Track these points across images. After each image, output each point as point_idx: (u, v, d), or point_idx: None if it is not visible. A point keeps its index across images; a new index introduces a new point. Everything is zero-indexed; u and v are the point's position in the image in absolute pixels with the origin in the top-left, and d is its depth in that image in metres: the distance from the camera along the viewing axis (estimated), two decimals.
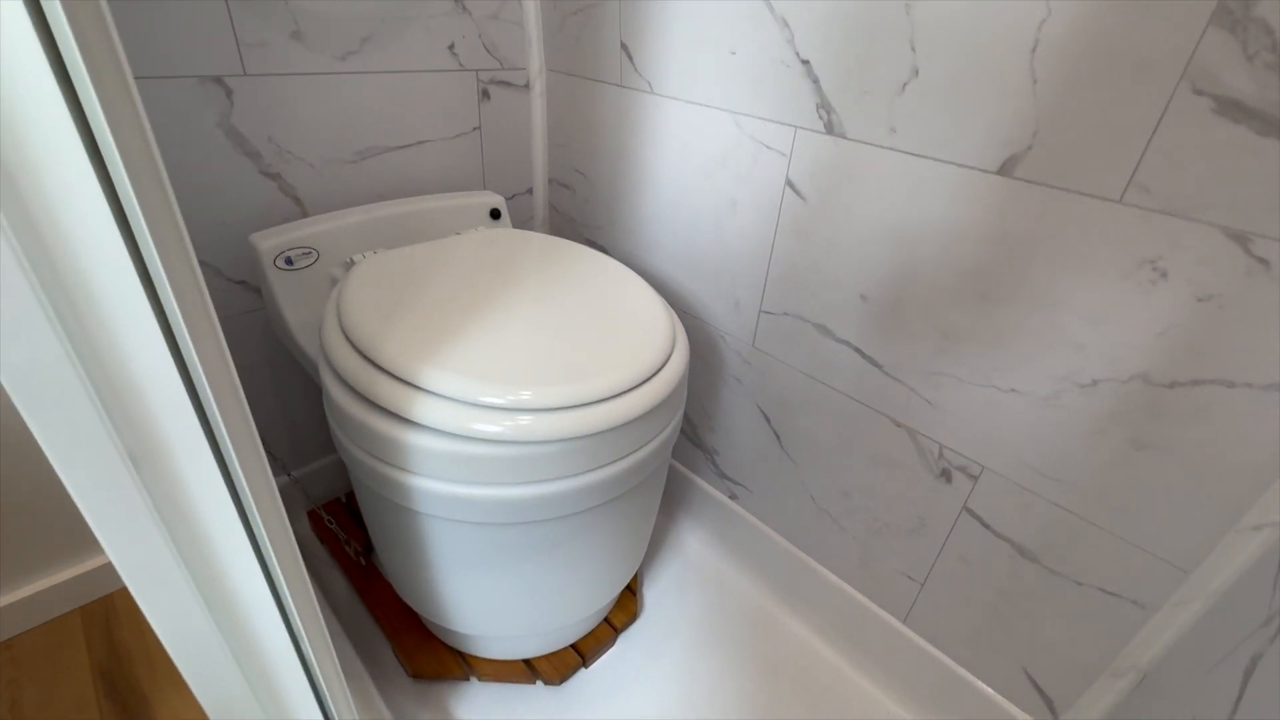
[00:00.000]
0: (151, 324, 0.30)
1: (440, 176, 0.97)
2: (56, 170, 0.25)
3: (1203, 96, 0.45)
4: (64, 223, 0.26)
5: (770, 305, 0.83)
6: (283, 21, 0.74)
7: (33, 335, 0.27)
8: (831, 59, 0.65)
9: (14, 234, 0.25)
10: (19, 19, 0.23)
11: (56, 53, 0.24)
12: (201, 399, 0.33)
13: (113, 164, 0.26)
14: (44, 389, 0.28)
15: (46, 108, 0.24)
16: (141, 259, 0.29)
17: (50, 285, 0.27)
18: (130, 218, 0.28)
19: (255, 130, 0.77)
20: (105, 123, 0.25)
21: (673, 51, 0.80)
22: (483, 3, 0.90)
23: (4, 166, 0.24)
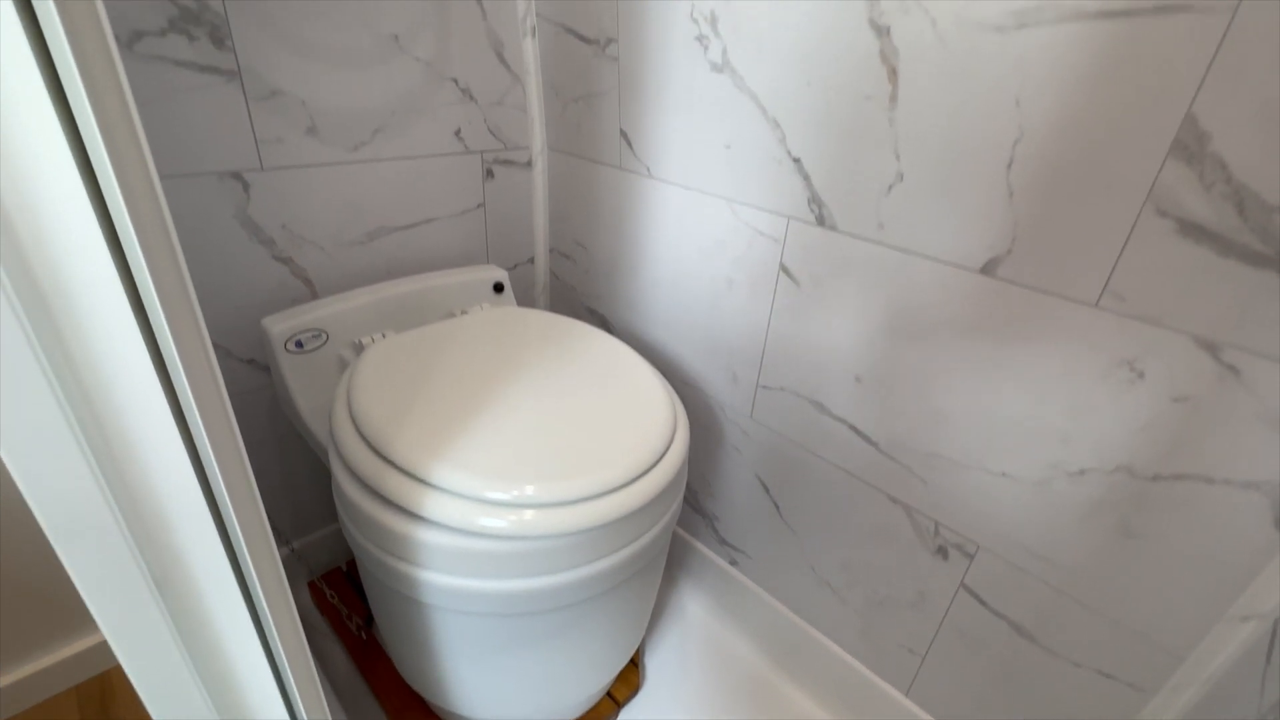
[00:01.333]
0: (164, 407, 0.31)
1: (446, 252, 1.00)
2: (78, 266, 0.26)
3: (1166, 218, 0.49)
4: (82, 318, 0.27)
5: (767, 380, 0.85)
6: (299, 119, 0.78)
7: (37, 406, 0.28)
8: (821, 159, 0.68)
9: (28, 319, 0.26)
10: (47, 116, 0.24)
11: (83, 149, 0.25)
12: (210, 480, 0.34)
13: (135, 261, 0.27)
14: (46, 461, 0.29)
15: (71, 204, 0.25)
16: (157, 346, 0.30)
17: (55, 353, 0.27)
18: (151, 316, 0.29)
19: (270, 219, 0.80)
20: (130, 224, 0.26)
21: (670, 141, 0.84)
22: (488, 90, 0.95)
23: (29, 265, 0.25)
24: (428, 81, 0.88)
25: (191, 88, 0.70)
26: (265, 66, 0.74)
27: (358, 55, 0.80)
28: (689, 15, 0.74)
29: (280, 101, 0.76)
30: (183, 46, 0.68)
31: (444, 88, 0.90)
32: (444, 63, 0.89)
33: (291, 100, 0.77)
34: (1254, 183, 0.44)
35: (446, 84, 0.90)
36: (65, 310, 0.27)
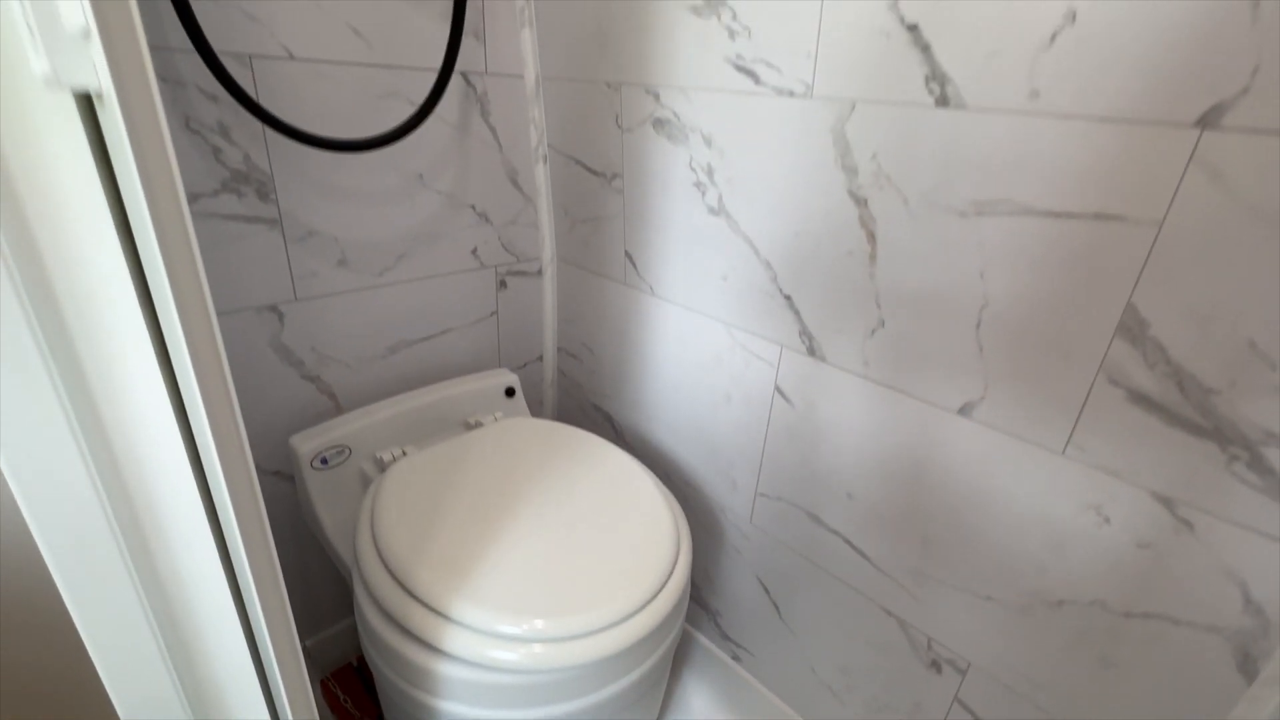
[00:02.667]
0: (204, 526, 0.36)
1: (460, 358, 1.06)
2: (137, 394, 0.31)
3: (1118, 387, 0.54)
4: (138, 444, 0.32)
5: (765, 489, 0.90)
6: (331, 253, 0.85)
7: (94, 536, 0.32)
8: (810, 299, 0.75)
9: (89, 450, 0.31)
10: (115, 257, 0.29)
11: (145, 286, 0.30)
12: (251, 616, 0.39)
13: (187, 388, 0.32)
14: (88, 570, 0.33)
15: (134, 339, 0.30)
16: (201, 467, 0.35)
17: (113, 484, 0.32)
18: (201, 447, 0.34)
19: (300, 343, 0.87)
20: (188, 357, 0.30)
21: (672, 266, 0.91)
22: (502, 212, 1.03)
23: (92, 395, 0.30)
24: (448, 209, 0.96)
25: (238, 236, 0.77)
26: (303, 211, 0.81)
27: (386, 194, 0.88)
28: (688, 163, 0.82)
29: (315, 240, 0.83)
30: (233, 203, 0.75)
31: (462, 213, 0.98)
32: (463, 192, 0.97)
33: (325, 238, 0.84)
34: (1190, 366, 0.50)
35: (465, 210, 0.98)
36: (125, 447, 0.32)
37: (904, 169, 0.61)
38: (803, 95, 0.67)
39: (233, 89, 0.68)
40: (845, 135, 0.65)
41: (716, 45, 0.72)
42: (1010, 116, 0.53)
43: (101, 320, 0.30)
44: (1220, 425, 0.50)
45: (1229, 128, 0.44)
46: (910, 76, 0.58)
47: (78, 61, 0.25)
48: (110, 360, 0.31)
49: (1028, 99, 0.52)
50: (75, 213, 0.28)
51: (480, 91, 0.93)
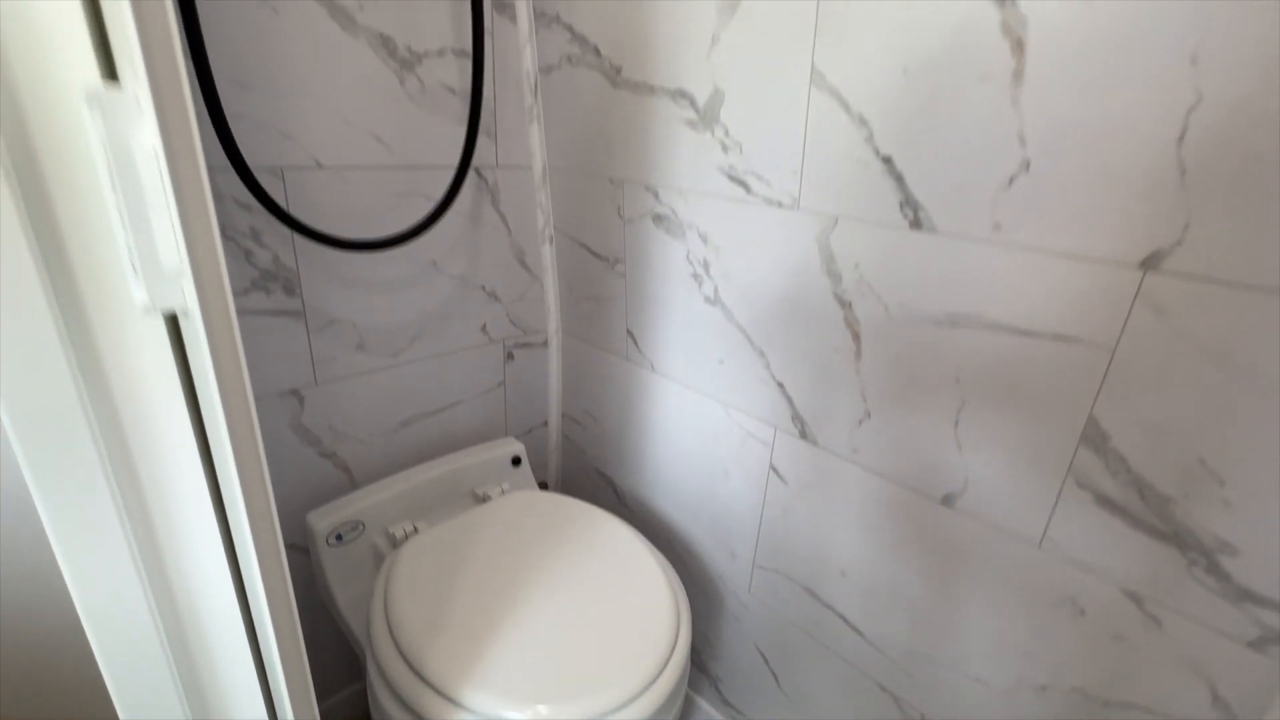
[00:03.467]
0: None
1: (469, 428, 1.11)
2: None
3: (1085, 490, 0.58)
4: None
5: (763, 561, 0.93)
6: (350, 338, 0.91)
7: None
8: (801, 388, 0.79)
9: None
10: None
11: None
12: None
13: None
14: None
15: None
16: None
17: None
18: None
19: (318, 423, 0.91)
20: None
21: (671, 347, 0.96)
22: (510, 290, 1.08)
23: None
24: (459, 291, 1.01)
25: (265, 330, 0.82)
26: (325, 302, 0.87)
27: (402, 282, 0.94)
28: (685, 256, 0.88)
29: (335, 328, 0.89)
30: (261, 299, 0.81)
31: (473, 294, 1.03)
32: (473, 274, 1.02)
33: (345, 325, 0.90)
34: (1148, 476, 0.54)
35: (475, 290, 1.03)
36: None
37: (884, 280, 0.67)
38: (790, 207, 0.72)
39: (265, 201, 0.74)
40: (830, 246, 0.70)
41: (711, 156, 0.79)
42: (976, 244, 0.59)
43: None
44: (1179, 531, 0.54)
45: (1168, 272, 0.49)
46: (886, 200, 0.64)
47: (170, 291, 0.30)
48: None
49: (991, 230, 0.57)
50: (160, 415, 0.33)
51: (491, 183, 1.00)
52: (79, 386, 0.31)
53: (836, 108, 0.64)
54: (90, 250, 0.30)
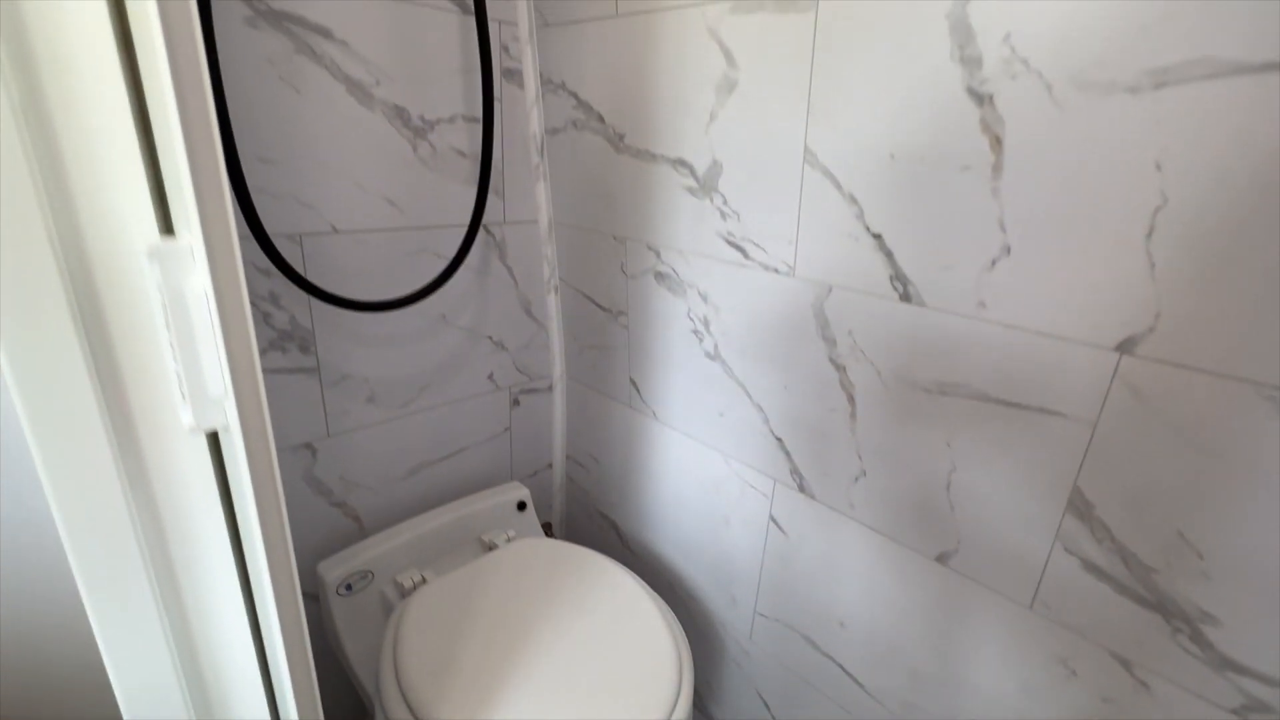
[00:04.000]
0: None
1: (476, 473, 1.13)
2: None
3: (1073, 556, 0.60)
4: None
5: (764, 609, 0.94)
6: (361, 392, 0.94)
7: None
8: (799, 444, 0.82)
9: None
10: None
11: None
12: None
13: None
14: None
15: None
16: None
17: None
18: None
19: (330, 474, 0.94)
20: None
21: (673, 397, 0.99)
22: (517, 338, 1.12)
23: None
24: (467, 342, 1.04)
25: (281, 387, 0.85)
26: (338, 359, 0.90)
27: (412, 336, 0.97)
28: (686, 313, 0.91)
29: (348, 382, 0.92)
30: (278, 358, 0.84)
31: (480, 344, 1.06)
32: (481, 325, 1.06)
33: (357, 379, 0.93)
34: (1132, 545, 0.56)
35: (483, 340, 1.07)
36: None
37: (876, 347, 0.69)
38: (786, 274, 0.75)
39: (284, 268, 0.77)
40: (824, 312, 0.73)
41: (710, 222, 0.82)
42: (963, 319, 0.61)
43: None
44: (1163, 600, 0.56)
45: (1143, 356, 0.52)
46: (877, 274, 0.67)
47: (213, 413, 0.33)
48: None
49: (976, 307, 0.60)
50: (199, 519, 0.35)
51: (499, 239, 1.03)
52: (127, 494, 0.34)
53: (828, 186, 0.68)
54: (144, 379, 0.33)
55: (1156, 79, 0.46)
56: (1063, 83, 0.50)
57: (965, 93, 0.55)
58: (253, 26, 0.72)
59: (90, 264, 0.31)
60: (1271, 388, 0.46)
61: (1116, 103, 0.48)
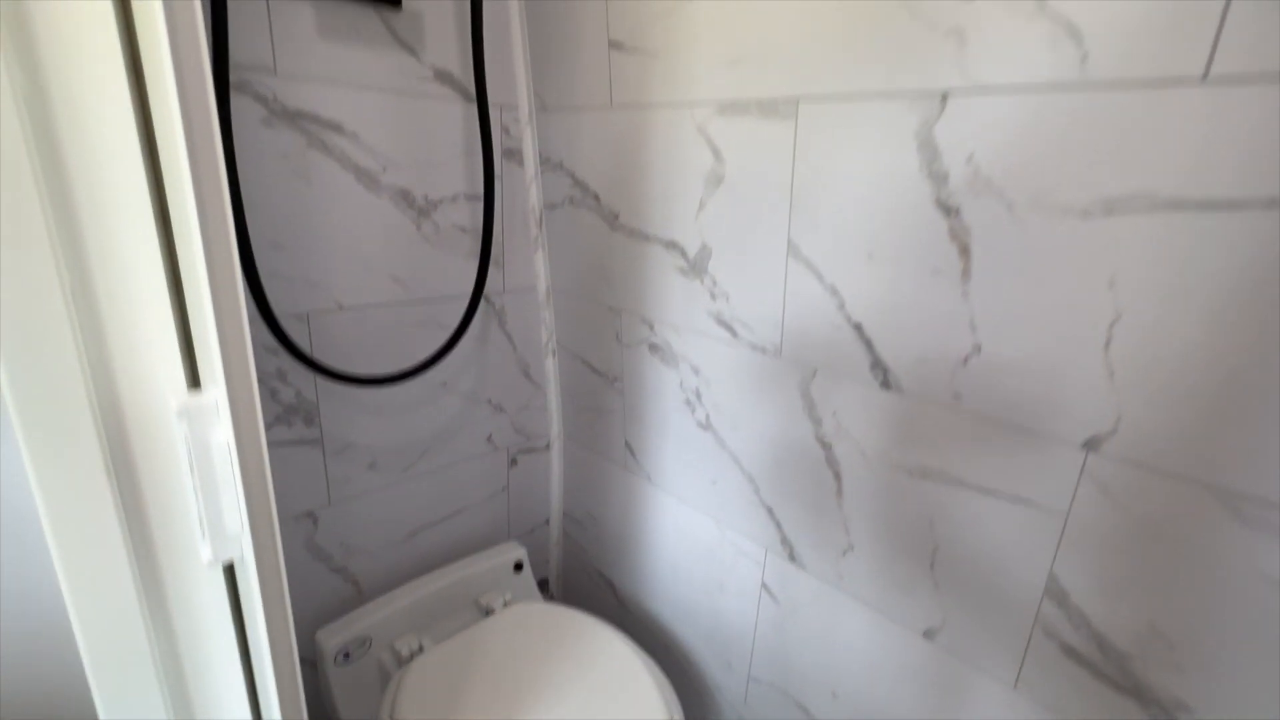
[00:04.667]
0: None
1: (473, 534, 1.15)
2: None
3: (1052, 639, 0.62)
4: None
5: (757, 674, 0.95)
6: (363, 459, 0.96)
7: None
8: (789, 514, 0.84)
9: None
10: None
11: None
12: None
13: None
14: None
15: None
16: None
17: None
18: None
19: (331, 540, 0.96)
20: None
21: (667, 462, 1.01)
22: (515, 401, 1.14)
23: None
24: (467, 407, 1.07)
25: (285, 459, 0.88)
26: (341, 429, 0.93)
27: (413, 403, 1.00)
28: (679, 384, 0.94)
29: (350, 451, 0.94)
30: (283, 432, 0.87)
31: (479, 408, 1.09)
32: (480, 390, 1.09)
33: (359, 448, 0.95)
34: (1107, 633, 0.58)
35: (482, 405, 1.09)
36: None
37: (859, 428, 0.72)
38: (773, 354, 0.79)
39: (291, 349, 0.81)
40: (810, 393, 0.76)
41: (700, 301, 0.86)
42: (939, 408, 0.64)
43: None
44: (1139, 687, 0.57)
45: (1107, 455, 0.54)
46: (858, 361, 0.70)
47: (230, 548, 0.36)
48: None
49: (952, 398, 0.63)
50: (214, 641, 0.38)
51: (499, 307, 1.07)
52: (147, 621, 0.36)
53: (811, 277, 0.71)
54: (167, 518, 0.35)
55: (1106, 207, 0.50)
56: (1022, 203, 0.54)
57: (934, 204, 0.59)
58: (268, 126, 0.77)
59: (123, 416, 0.34)
60: (1228, 493, 0.49)
61: (1071, 225, 0.52)
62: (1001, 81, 0.53)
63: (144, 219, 0.34)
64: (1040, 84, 0.51)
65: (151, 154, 0.34)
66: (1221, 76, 0.43)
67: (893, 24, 0.58)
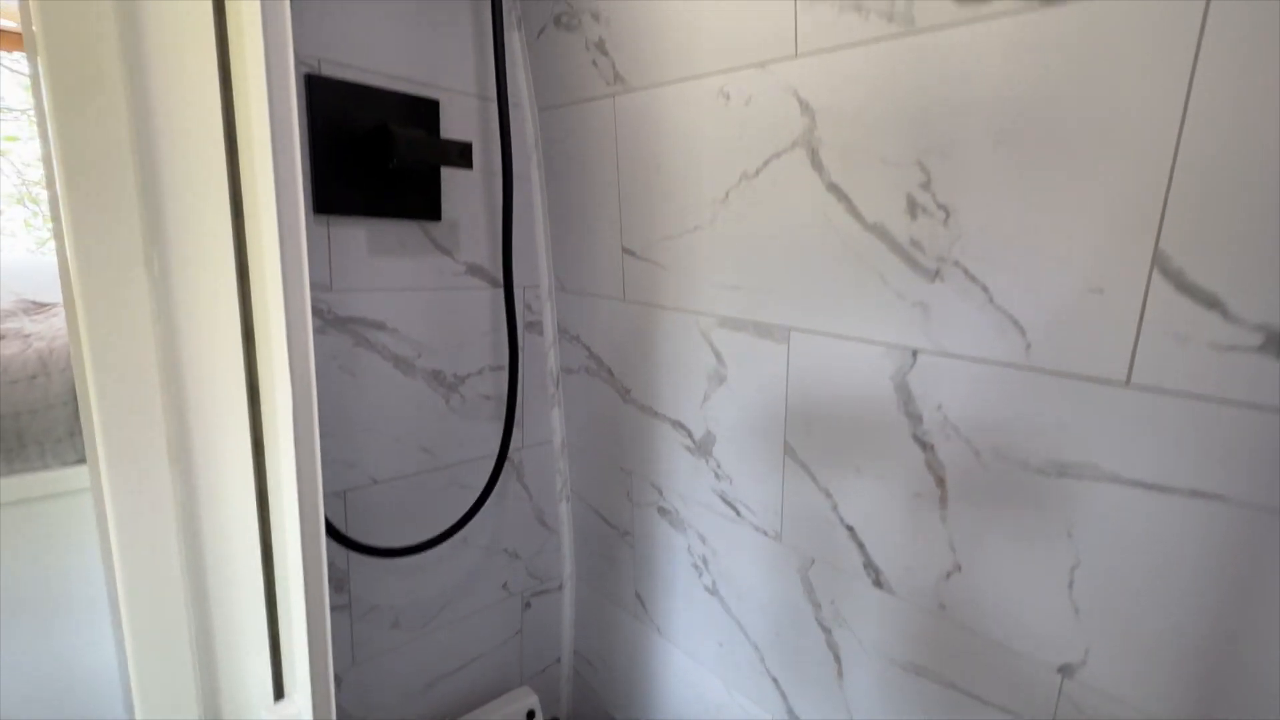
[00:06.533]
0: None
1: (488, 680, 1.17)
2: None
3: None
4: None
5: None
6: (386, 619, 1.01)
7: None
8: (792, 687, 0.87)
9: None
10: None
11: None
12: None
13: None
14: None
15: None
16: None
17: None
18: None
19: (352, 700, 0.99)
20: None
21: (676, 619, 1.05)
22: (530, 546, 1.20)
23: None
24: (485, 558, 1.13)
25: None
26: (368, 593, 0.98)
27: (435, 562, 1.05)
28: (686, 549, 0.99)
29: (375, 613, 0.99)
30: None
31: (497, 558, 1.15)
32: (498, 541, 1.14)
33: (383, 609, 1.00)
34: None
35: (499, 555, 1.15)
36: None
37: (856, 619, 0.77)
38: (774, 538, 0.85)
39: (329, 529, 0.88)
40: (809, 578, 0.82)
41: (705, 479, 0.93)
42: (927, 614, 0.70)
43: None
44: None
45: (1080, 682, 0.59)
46: (852, 559, 0.76)
47: None
48: None
49: (938, 607, 0.69)
50: None
51: (517, 462, 1.14)
52: None
53: (806, 478, 0.79)
54: None
55: (1059, 469, 0.57)
56: (987, 452, 0.61)
57: (911, 438, 0.67)
58: (321, 333, 0.87)
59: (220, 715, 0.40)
60: None
61: (1031, 477, 0.59)
62: (960, 352, 0.61)
63: (252, 560, 0.41)
64: (992, 360, 0.59)
65: None
66: (1141, 385, 0.51)
67: (869, 285, 0.67)
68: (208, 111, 0.40)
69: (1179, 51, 0.46)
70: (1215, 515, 0.49)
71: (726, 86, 0.75)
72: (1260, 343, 0.45)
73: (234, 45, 0.40)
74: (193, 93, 0.39)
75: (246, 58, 0.38)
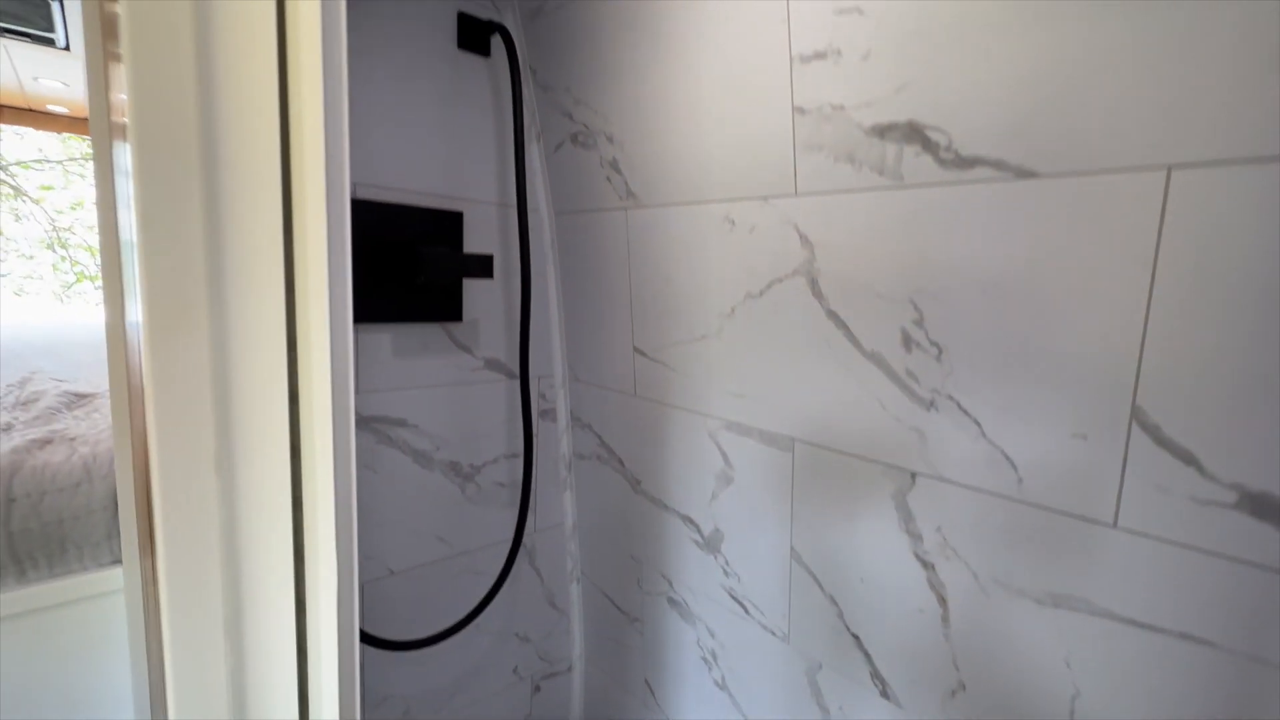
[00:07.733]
0: None
1: None
2: None
3: None
4: None
5: None
6: (398, 709, 1.02)
7: None
8: None
9: None
10: None
11: None
12: None
13: None
14: None
15: None
16: None
17: None
18: None
19: None
20: None
21: (686, 713, 1.05)
22: (540, 629, 1.21)
23: None
24: (496, 644, 1.14)
25: None
26: (381, 684, 0.99)
27: (447, 648, 1.07)
28: (696, 641, 1.00)
29: (387, 704, 1.00)
30: None
31: (508, 643, 1.16)
32: (509, 626, 1.16)
33: (395, 699, 1.01)
34: None
35: (510, 639, 1.16)
36: None
37: None
38: (782, 639, 0.86)
39: None
40: (817, 682, 0.83)
41: (714, 575, 0.95)
42: None
43: None
44: None
45: None
46: (858, 667, 0.77)
47: None
48: None
49: (948, 695, 0.70)
50: None
51: (530, 547, 1.17)
52: None
53: (811, 583, 0.81)
54: None
55: (1054, 600, 0.59)
56: (985, 577, 0.64)
57: (913, 555, 0.69)
58: None
59: None
60: None
61: (1028, 605, 0.61)
62: (957, 479, 0.64)
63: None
64: (987, 490, 0.62)
65: None
66: (1128, 528, 0.54)
67: (869, 408, 0.71)
68: (270, 242, 0.45)
69: (1145, 222, 0.50)
70: (1205, 659, 0.51)
71: (731, 214, 0.81)
72: (1235, 500, 0.48)
73: (295, 172, 0.45)
74: (259, 218, 0.44)
75: (306, 184, 0.43)
